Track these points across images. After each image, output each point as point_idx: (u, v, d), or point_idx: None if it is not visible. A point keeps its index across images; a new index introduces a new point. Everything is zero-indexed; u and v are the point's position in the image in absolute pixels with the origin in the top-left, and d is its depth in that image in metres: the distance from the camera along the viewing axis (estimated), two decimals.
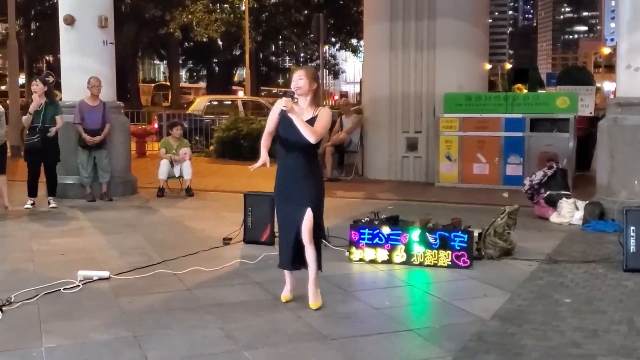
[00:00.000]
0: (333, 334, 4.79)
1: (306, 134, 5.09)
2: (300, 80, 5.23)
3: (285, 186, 5.31)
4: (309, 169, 5.27)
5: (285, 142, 5.27)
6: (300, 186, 5.23)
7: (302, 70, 5.37)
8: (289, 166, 5.28)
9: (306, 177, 5.25)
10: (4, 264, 6.84)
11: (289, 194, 5.27)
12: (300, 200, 5.22)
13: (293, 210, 5.24)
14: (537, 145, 11.95)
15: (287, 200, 5.30)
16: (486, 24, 14.73)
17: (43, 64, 49.93)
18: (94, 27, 11.07)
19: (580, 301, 5.59)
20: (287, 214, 5.31)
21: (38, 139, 9.78)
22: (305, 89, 5.24)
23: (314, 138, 5.11)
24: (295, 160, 5.25)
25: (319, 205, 5.33)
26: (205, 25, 37.89)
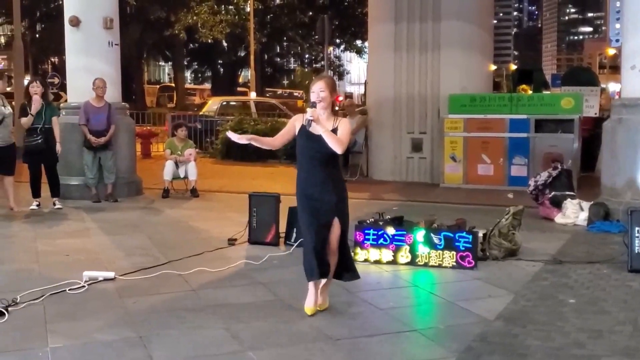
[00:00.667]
0: (338, 335, 4.80)
1: (333, 144, 4.99)
2: (322, 92, 5.11)
3: (309, 198, 5.16)
4: (332, 180, 5.18)
5: (306, 155, 5.18)
6: (325, 196, 5.12)
7: (323, 81, 5.21)
8: (312, 178, 5.16)
9: (330, 187, 5.14)
10: (10, 264, 6.87)
11: (316, 205, 5.12)
12: (327, 211, 5.12)
13: (321, 221, 5.11)
14: (541, 146, 11.94)
15: (313, 213, 5.13)
16: (491, 25, 14.74)
17: (48, 65, 50.08)
18: (99, 28, 11.09)
19: (584, 302, 5.60)
20: (314, 220, 5.12)
21: (41, 139, 9.80)
22: (327, 101, 5.15)
23: (341, 148, 5.03)
24: (318, 172, 5.15)
25: (345, 215, 5.26)
26: (210, 26, 38.01)
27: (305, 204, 5.19)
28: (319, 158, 5.13)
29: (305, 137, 5.15)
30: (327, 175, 5.17)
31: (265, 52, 49.64)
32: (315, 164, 5.16)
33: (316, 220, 5.11)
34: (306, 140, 5.15)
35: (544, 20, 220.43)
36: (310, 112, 5.04)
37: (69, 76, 11.55)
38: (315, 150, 5.10)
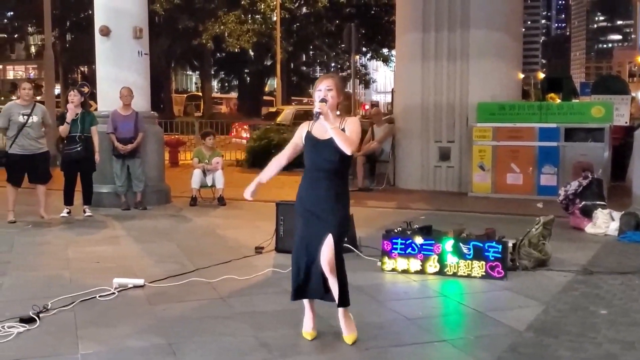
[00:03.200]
0: (366, 344, 4.77)
1: (342, 143, 4.56)
2: (329, 91, 4.69)
3: (306, 208, 4.77)
4: (335, 192, 4.73)
5: (311, 165, 4.79)
6: (325, 209, 4.69)
7: (331, 80, 4.79)
8: (315, 190, 4.74)
9: (331, 201, 4.71)
10: (41, 271, 6.94)
11: (311, 217, 4.73)
12: (323, 227, 4.67)
13: (313, 237, 4.70)
14: (571, 155, 11.83)
15: (307, 228, 4.75)
16: (519, 33, 14.65)
17: (78, 74, 50.67)
18: (129, 38, 11.22)
19: (616, 313, 5.52)
20: (306, 238, 4.75)
21: (80, 147, 9.93)
22: (335, 102, 4.71)
23: (351, 148, 4.58)
24: (322, 184, 4.72)
25: (342, 233, 4.81)
26: (237, 35, 38.21)
27: (300, 222, 4.82)
28: (326, 169, 4.71)
29: (311, 144, 4.77)
30: (332, 188, 4.72)
31: (292, 61, 49.75)
32: (321, 175, 4.73)
33: (312, 235, 4.71)
34: (312, 147, 4.77)
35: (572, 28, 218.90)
36: (319, 106, 4.63)
37: (99, 85, 11.68)
38: (322, 159, 4.71)
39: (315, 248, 4.70)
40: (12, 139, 9.43)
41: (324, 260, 4.65)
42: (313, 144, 4.77)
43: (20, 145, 9.45)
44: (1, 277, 6.57)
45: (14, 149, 9.45)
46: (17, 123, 9.43)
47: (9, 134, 9.47)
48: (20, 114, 9.45)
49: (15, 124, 9.43)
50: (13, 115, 9.45)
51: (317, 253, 4.69)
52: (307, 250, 4.74)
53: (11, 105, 9.70)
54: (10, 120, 9.45)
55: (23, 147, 9.47)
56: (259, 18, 40.48)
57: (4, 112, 9.62)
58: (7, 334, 4.89)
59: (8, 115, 9.47)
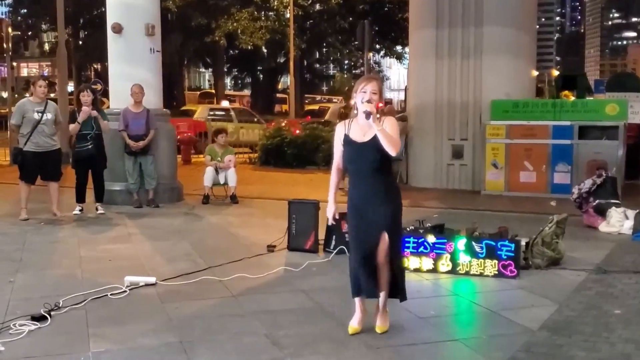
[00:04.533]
0: (379, 343, 4.75)
1: (387, 145, 4.66)
2: (374, 95, 4.77)
3: (360, 207, 4.87)
4: (384, 188, 4.84)
5: (354, 165, 4.89)
6: (376, 208, 4.80)
7: (375, 82, 4.86)
8: (363, 187, 4.85)
9: (382, 198, 4.82)
10: (53, 269, 6.96)
11: (364, 216, 4.84)
12: (376, 223, 4.80)
13: (367, 234, 4.82)
14: (585, 153, 11.76)
15: (361, 222, 4.86)
16: (533, 30, 14.56)
17: (91, 71, 50.83)
18: (141, 35, 11.22)
19: (631, 312, 5.48)
20: (360, 237, 4.86)
21: (92, 145, 9.95)
22: (377, 104, 4.80)
23: (396, 149, 4.70)
24: (368, 182, 4.83)
25: (397, 227, 4.93)
26: (250, 33, 38.20)
27: (354, 218, 4.92)
28: (368, 168, 4.81)
29: (349, 147, 4.87)
30: (380, 185, 4.84)
31: (305, 58, 49.72)
32: (365, 174, 4.84)
33: (364, 236, 4.83)
34: (351, 150, 4.86)
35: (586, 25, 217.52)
36: (367, 106, 4.70)
37: (111, 83, 11.71)
38: (365, 160, 4.81)
39: (370, 246, 4.81)
40: (27, 137, 9.45)
41: (380, 253, 4.80)
42: (353, 148, 4.86)
43: (34, 143, 9.47)
44: (13, 275, 6.59)
45: (28, 146, 9.47)
46: (32, 120, 9.44)
47: (23, 132, 9.49)
48: (35, 111, 9.47)
49: (30, 122, 9.45)
50: (27, 112, 9.47)
51: (372, 250, 4.80)
52: (362, 246, 4.85)
53: (25, 102, 9.72)
54: (24, 118, 9.47)
55: (37, 145, 9.49)
56: (272, 15, 40.49)
57: (17, 110, 9.63)
58: (19, 332, 4.90)
59: (22, 113, 9.49)
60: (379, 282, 4.89)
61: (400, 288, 5.03)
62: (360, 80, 5.01)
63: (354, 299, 5.02)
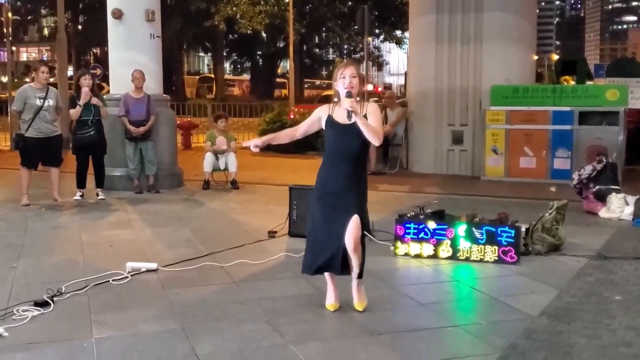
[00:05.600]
0: (379, 329, 4.77)
1: (370, 135, 4.76)
2: (354, 78, 4.83)
3: (328, 191, 4.93)
4: (356, 174, 4.93)
5: (334, 149, 4.95)
6: (346, 194, 4.88)
7: (353, 67, 4.93)
8: (337, 173, 4.91)
9: (354, 185, 4.91)
10: (55, 255, 6.98)
11: (333, 201, 4.90)
12: (346, 208, 4.86)
13: (336, 218, 4.88)
14: (585, 138, 11.77)
15: (329, 207, 4.92)
16: (534, 15, 14.53)
17: (91, 56, 50.72)
18: (141, 20, 11.20)
19: (631, 299, 5.49)
20: (328, 220, 4.92)
21: (93, 131, 9.95)
22: (358, 88, 4.86)
23: (379, 139, 4.81)
24: (344, 167, 4.90)
25: (363, 214, 4.98)
26: (249, 17, 38.10)
27: (322, 204, 4.97)
28: (348, 154, 4.88)
29: (333, 129, 4.93)
30: (353, 172, 4.92)
31: (305, 43, 49.60)
32: (343, 159, 4.90)
33: (335, 217, 4.88)
34: (334, 133, 4.92)
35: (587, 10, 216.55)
36: (348, 102, 4.74)
37: (111, 68, 11.69)
38: (345, 144, 4.87)
39: (338, 228, 4.86)
40: (29, 123, 9.45)
41: (349, 239, 4.84)
42: (336, 129, 4.93)
43: (37, 129, 9.48)
44: (15, 261, 6.61)
45: (30, 132, 9.48)
46: (34, 106, 9.44)
47: (25, 117, 9.48)
48: (37, 97, 9.46)
49: (33, 108, 9.45)
50: (30, 98, 9.46)
51: (341, 233, 4.86)
52: (330, 230, 4.91)
53: (26, 88, 9.69)
54: (26, 104, 9.46)
55: (40, 131, 9.50)
56: None
57: (19, 96, 9.60)
58: (22, 317, 4.92)
59: (24, 99, 9.47)
60: (349, 263, 4.99)
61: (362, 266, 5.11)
62: (338, 67, 5.10)
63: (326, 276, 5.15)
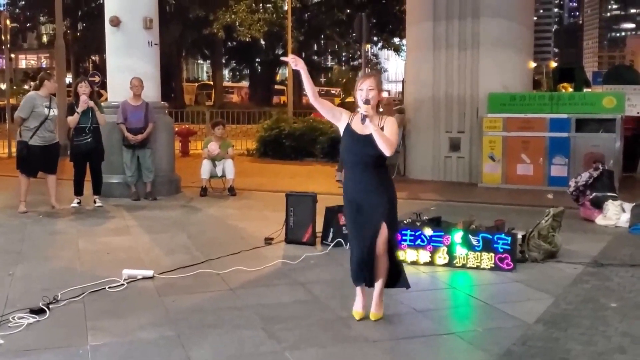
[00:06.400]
0: (375, 336, 4.77)
1: (383, 145, 4.78)
2: (371, 91, 4.89)
3: (355, 201, 4.98)
4: (378, 181, 4.97)
5: (351, 158, 5.01)
6: (372, 200, 4.92)
7: (372, 79, 4.97)
8: (359, 183, 4.97)
9: (377, 190, 4.94)
10: (52, 262, 6.97)
11: (360, 209, 4.95)
12: (373, 215, 4.91)
13: (366, 226, 4.93)
14: (582, 145, 11.78)
15: (358, 215, 4.97)
16: (531, 22, 14.58)
17: (89, 64, 50.76)
18: (139, 28, 11.21)
19: (627, 306, 5.50)
20: (359, 229, 4.97)
21: (90, 139, 9.96)
22: (376, 101, 4.93)
23: (391, 149, 4.82)
24: (365, 175, 4.95)
25: (393, 218, 5.03)
26: (248, 25, 38.13)
27: (351, 211, 5.02)
28: (365, 161, 4.93)
29: (349, 138, 4.97)
30: (375, 178, 4.96)
31: (303, 50, 49.59)
32: (362, 167, 4.96)
33: (362, 228, 4.93)
34: (351, 141, 4.97)
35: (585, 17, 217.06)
36: (365, 108, 4.82)
37: (109, 76, 11.69)
38: (362, 153, 4.92)
39: (369, 237, 4.92)
40: (34, 131, 9.45)
41: (379, 244, 4.92)
42: (353, 138, 4.97)
43: (41, 137, 9.51)
44: (12, 267, 6.60)
45: (35, 140, 9.48)
46: (42, 115, 9.47)
47: (30, 125, 9.47)
48: (44, 105, 9.49)
49: (40, 116, 9.46)
50: (38, 107, 9.47)
51: (371, 242, 4.91)
52: (362, 238, 4.95)
53: (34, 96, 9.64)
54: (32, 112, 9.46)
55: (44, 139, 9.54)
56: (270, 7, 40.39)
57: (27, 103, 9.57)
58: (18, 324, 4.91)
59: (32, 107, 9.47)
60: (377, 272, 5.03)
61: (403, 277, 5.21)
62: (359, 77, 5.15)
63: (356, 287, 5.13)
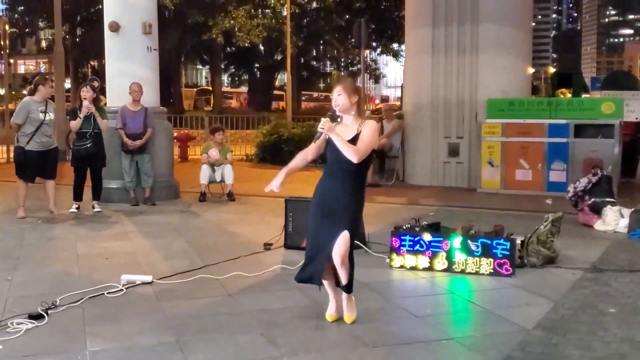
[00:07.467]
0: (374, 342, 4.77)
1: (348, 154, 4.79)
2: (339, 96, 4.90)
3: (323, 203, 4.97)
4: (352, 192, 4.92)
5: (330, 161, 4.98)
6: (340, 207, 4.89)
7: (339, 85, 4.98)
8: (332, 185, 4.95)
9: (349, 200, 4.91)
10: (51, 267, 6.97)
11: (327, 212, 4.93)
12: (338, 222, 4.88)
13: (328, 229, 4.90)
14: (581, 151, 11.79)
15: (323, 218, 4.94)
16: (529, 28, 14.58)
17: (88, 69, 50.80)
18: (138, 33, 11.22)
19: (626, 311, 5.49)
20: (321, 231, 4.94)
21: (90, 144, 9.96)
22: (346, 105, 4.91)
23: (357, 157, 4.79)
24: (340, 180, 4.92)
25: (354, 229, 5.02)
26: (247, 30, 38.21)
27: (318, 210, 4.99)
28: (344, 168, 4.88)
29: (332, 144, 4.92)
30: (348, 187, 4.91)
31: (302, 55, 49.66)
32: (339, 173, 4.93)
33: (327, 229, 4.89)
34: (332, 147, 4.92)
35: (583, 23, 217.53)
36: (322, 122, 4.86)
37: (108, 81, 11.70)
38: (342, 159, 4.86)
39: (327, 241, 4.89)
40: (30, 136, 9.45)
41: (336, 254, 4.86)
42: (332, 145, 4.92)
43: (38, 142, 9.50)
44: (11, 273, 6.60)
45: (32, 145, 9.48)
46: (37, 120, 9.45)
47: (26, 131, 9.47)
48: (39, 110, 9.48)
49: (35, 121, 9.45)
50: (33, 112, 9.46)
51: (329, 246, 4.88)
52: (319, 241, 4.95)
53: (29, 102, 9.63)
54: (28, 117, 9.46)
55: (41, 144, 9.53)
56: (269, 13, 40.47)
57: (22, 109, 9.56)
58: (16, 330, 4.91)
59: (27, 112, 9.46)
60: (338, 275, 5.02)
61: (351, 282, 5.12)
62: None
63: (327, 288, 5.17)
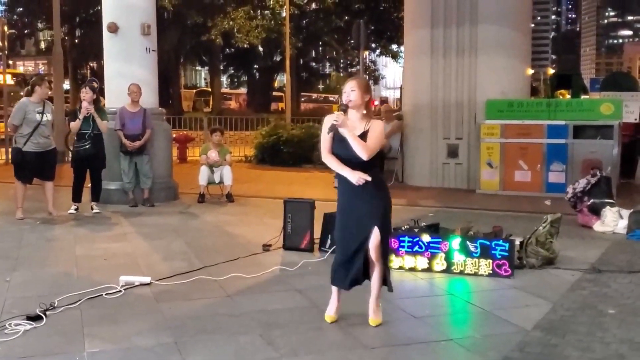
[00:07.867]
0: (373, 343, 4.76)
1: (358, 150, 4.79)
2: (352, 92, 4.89)
3: (349, 203, 4.99)
4: (372, 184, 4.87)
5: (343, 157, 4.92)
6: (365, 203, 4.91)
7: (354, 81, 4.98)
8: (350, 183, 4.89)
9: (370, 194, 4.90)
10: (49, 268, 6.96)
11: (354, 212, 4.96)
12: (366, 219, 4.91)
13: (358, 229, 4.94)
14: (580, 152, 11.78)
15: (351, 218, 4.97)
16: (529, 29, 14.58)
17: (87, 70, 50.79)
18: (137, 34, 11.21)
19: (625, 312, 5.49)
20: (351, 231, 4.98)
21: (89, 145, 9.96)
22: (358, 102, 4.90)
23: (367, 154, 4.80)
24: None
25: (386, 221, 5.02)
26: (246, 31, 38.22)
27: (346, 212, 5.02)
28: (356, 162, 4.87)
29: (339, 140, 4.91)
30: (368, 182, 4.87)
31: (301, 56, 49.71)
32: (355, 168, 4.89)
33: (357, 229, 4.93)
34: (340, 143, 4.91)
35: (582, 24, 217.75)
36: (335, 115, 4.86)
37: (106, 82, 11.69)
38: (352, 155, 4.85)
39: (362, 241, 4.95)
40: (27, 137, 9.44)
41: (372, 249, 4.93)
42: (340, 140, 4.91)
43: (35, 143, 9.48)
44: (9, 274, 6.59)
45: (29, 146, 9.46)
46: (34, 121, 9.44)
47: (23, 132, 9.46)
48: (36, 111, 9.47)
49: (32, 122, 9.44)
50: (29, 113, 9.45)
51: (365, 245, 4.94)
52: (354, 243, 4.98)
53: (26, 102, 9.61)
54: (25, 118, 9.45)
55: (38, 145, 9.51)
56: (268, 14, 40.48)
57: (19, 110, 9.54)
58: (14, 331, 4.91)
59: (24, 113, 9.45)
60: (371, 276, 5.06)
61: (388, 280, 5.17)
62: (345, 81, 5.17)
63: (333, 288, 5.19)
